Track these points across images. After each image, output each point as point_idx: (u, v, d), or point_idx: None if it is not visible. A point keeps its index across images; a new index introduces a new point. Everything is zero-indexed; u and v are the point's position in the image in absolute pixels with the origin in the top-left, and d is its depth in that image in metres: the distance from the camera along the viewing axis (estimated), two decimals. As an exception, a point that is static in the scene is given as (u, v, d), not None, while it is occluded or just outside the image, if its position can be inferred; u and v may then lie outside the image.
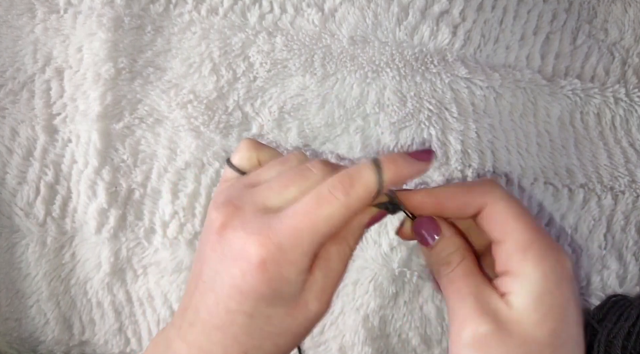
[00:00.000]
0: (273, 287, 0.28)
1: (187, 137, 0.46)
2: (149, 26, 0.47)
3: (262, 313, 0.29)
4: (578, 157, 0.47)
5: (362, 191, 0.29)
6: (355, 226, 0.32)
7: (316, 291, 0.30)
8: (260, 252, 0.28)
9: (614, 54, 0.48)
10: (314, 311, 0.30)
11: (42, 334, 0.47)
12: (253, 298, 0.29)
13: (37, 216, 0.46)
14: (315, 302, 0.30)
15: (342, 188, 0.28)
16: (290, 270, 0.28)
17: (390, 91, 0.46)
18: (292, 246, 0.28)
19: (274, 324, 0.30)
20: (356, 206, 0.29)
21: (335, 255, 0.31)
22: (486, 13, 0.47)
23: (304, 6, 0.47)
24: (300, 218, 0.28)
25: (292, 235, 0.28)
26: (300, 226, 0.28)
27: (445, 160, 0.45)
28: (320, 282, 0.30)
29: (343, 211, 0.28)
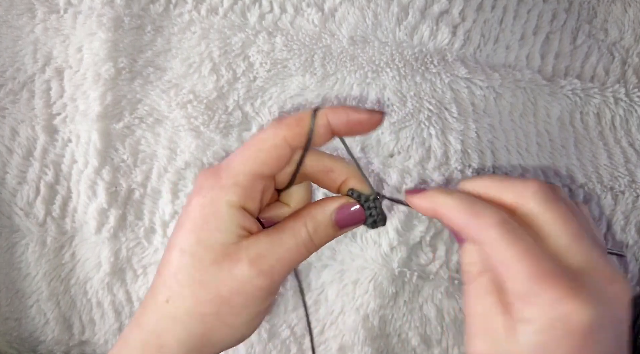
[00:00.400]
0: (204, 214, 0.30)
1: (187, 137, 0.46)
2: (149, 26, 0.47)
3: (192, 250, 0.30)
4: (578, 157, 0.47)
5: (293, 120, 0.31)
6: (317, 210, 0.32)
7: (253, 252, 0.30)
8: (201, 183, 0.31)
9: (614, 54, 0.48)
10: (243, 273, 0.30)
11: (42, 334, 0.47)
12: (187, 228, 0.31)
13: (37, 216, 0.46)
14: (247, 263, 0.30)
15: (276, 120, 0.32)
16: (219, 194, 0.30)
17: (390, 91, 0.46)
18: (225, 173, 0.31)
19: (198, 268, 0.30)
20: (287, 132, 0.31)
21: (288, 231, 0.31)
22: (486, 13, 0.47)
23: (304, 6, 0.47)
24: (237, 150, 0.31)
25: (227, 163, 0.31)
26: (234, 155, 0.31)
27: (445, 160, 0.45)
28: (261, 246, 0.30)
29: (273, 136, 0.31)
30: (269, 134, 0.31)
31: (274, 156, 0.31)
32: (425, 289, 0.45)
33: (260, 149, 0.31)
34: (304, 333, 0.46)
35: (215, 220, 0.30)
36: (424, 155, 0.45)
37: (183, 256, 0.30)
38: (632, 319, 0.41)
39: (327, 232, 0.33)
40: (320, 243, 0.33)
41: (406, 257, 0.45)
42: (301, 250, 0.32)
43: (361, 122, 0.31)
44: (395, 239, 0.45)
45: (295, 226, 0.32)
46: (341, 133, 0.32)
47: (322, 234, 0.32)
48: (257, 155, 0.31)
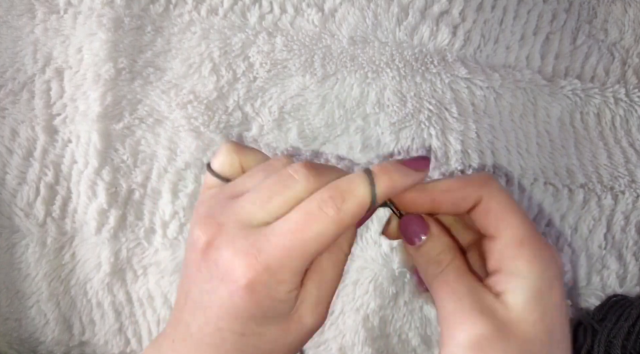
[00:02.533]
0: (262, 308, 0.27)
1: (187, 138, 0.46)
2: (149, 26, 0.47)
3: (253, 331, 0.28)
4: (578, 157, 0.47)
5: (354, 207, 0.27)
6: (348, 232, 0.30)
7: (310, 304, 0.29)
8: (247, 274, 0.26)
9: (614, 54, 0.48)
10: (309, 325, 0.29)
11: (42, 334, 0.47)
12: (242, 318, 0.28)
13: (37, 216, 0.46)
14: (310, 315, 0.29)
15: (333, 204, 0.27)
16: (279, 290, 0.27)
17: (390, 91, 0.46)
18: (281, 267, 0.27)
19: (267, 341, 0.29)
20: (348, 221, 0.27)
21: (329, 265, 0.30)
22: (486, 13, 0.47)
23: (304, 6, 0.47)
24: (288, 237, 0.26)
25: (281, 255, 0.26)
26: (288, 245, 0.26)
27: (445, 160, 0.45)
28: (314, 295, 0.29)
29: (334, 228, 0.27)
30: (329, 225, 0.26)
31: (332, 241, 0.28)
32: (426, 290, 0.45)
33: (321, 243, 0.27)
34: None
35: (278, 306, 0.28)
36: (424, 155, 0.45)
37: (247, 338, 0.28)
38: (632, 320, 0.41)
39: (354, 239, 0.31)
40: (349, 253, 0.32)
41: (406, 258, 0.45)
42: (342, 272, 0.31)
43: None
44: (396, 239, 0.45)
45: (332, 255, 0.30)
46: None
47: (352, 244, 0.31)
48: (317, 249, 0.27)
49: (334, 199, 0.27)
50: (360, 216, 0.27)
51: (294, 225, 0.26)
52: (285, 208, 0.27)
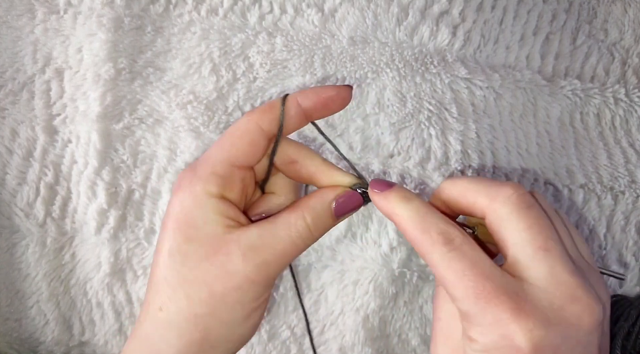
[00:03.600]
0: (187, 209, 0.29)
1: (187, 138, 0.46)
2: (149, 27, 0.47)
3: (180, 248, 0.29)
4: (578, 158, 0.47)
5: (264, 106, 0.31)
6: (316, 201, 0.31)
7: (245, 245, 0.29)
8: (180, 181, 0.30)
9: (614, 54, 0.48)
10: (236, 267, 0.29)
11: (42, 334, 0.47)
12: (172, 228, 0.30)
13: (37, 216, 0.46)
14: (240, 257, 0.29)
15: (251, 110, 0.31)
16: (198, 186, 0.30)
17: (390, 91, 0.46)
18: (201, 165, 0.30)
19: (189, 267, 0.29)
20: (258, 117, 0.30)
21: (282, 222, 0.30)
22: (486, 13, 0.47)
23: (304, 6, 0.47)
24: (212, 144, 0.31)
25: (203, 156, 0.31)
26: (210, 148, 0.31)
27: (445, 160, 0.45)
28: (253, 239, 0.29)
29: (245, 122, 0.30)
30: (241, 122, 0.31)
31: (247, 142, 0.30)
32: (425, 290, 0.45)
33: (234, 137, 0.30)
34: (304, 333, 0.46)
35: (198, 213, 0.29)
36: (424, 155, 0.45)
37: (171, 256, 0.29)
38: (632, 320, 0.41)
39: (326, 224, 0.32)
40: (318, 235, 0.31)
41: (406, 258, 0.45)
42: (297, 243, 0.30)
43: (331, 99, 0.31)
44: (395, 239, 0.45)
45: (290, 218, 0.30)
46: (314, 116, 0.32)
47: (320, 226, 0.31)
48: (231, 143, 0.30)
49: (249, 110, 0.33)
50: (271, 116, 0.31)
51: (226, 131, 0.31)
52: None
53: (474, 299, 0.25)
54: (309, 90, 0.31)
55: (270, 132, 0.31)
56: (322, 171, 0.32)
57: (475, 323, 0.25)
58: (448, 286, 0.26)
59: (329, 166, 0.32)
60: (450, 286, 0.26)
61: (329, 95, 0.31)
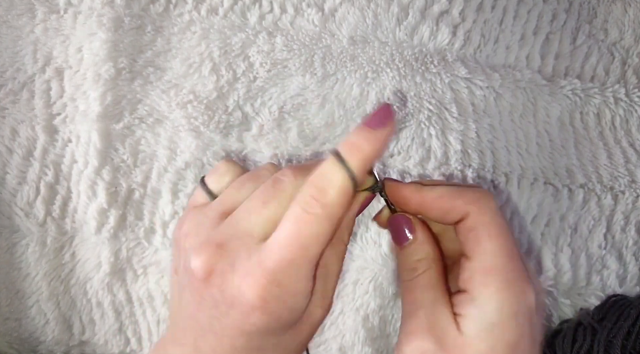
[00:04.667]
0: (280, 321, 0.27)
1: (187, 137, 0.46)
2: (149, 26, 0.47)
3: (271, 342, 0.28)
4: (578, 157, 0.46)
5: (337, 197, 0.26)
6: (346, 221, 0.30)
7: (318, 299, 0.29)
8: (258, 293, 0.26)
9: (614, 54, 0.48)
10: (319, 317, 0.29)
11: (42, 334, 0.47)
12: (260, 334, 0.27)
13: (37, 216, 0.46)
14: (319, 309, 0.29)
15: (315, 201, 0.26)
16: (294, 299, 0.27)
17: (390, 91, 0.46)
18: (289, 277, 0.26)
19: (283, 347, 0.29)
20: (337, 212, 0.27)
21: (332, 257, 0.29)
22: (486, 13, 0.47)
23: (304, 6, 0.47)
24: (286, 247, 0.26)
25: (285, 266, 0.26)
26: (288, 255, 0.26)
27: (445, 160, 0.45)
28: (320, 289, 0.29)
29: (327, 224, 0.26)
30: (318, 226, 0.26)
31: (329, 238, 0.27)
32: (426, 290, 0.45)
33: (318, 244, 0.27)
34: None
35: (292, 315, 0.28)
36: (424, 155, 0.45)
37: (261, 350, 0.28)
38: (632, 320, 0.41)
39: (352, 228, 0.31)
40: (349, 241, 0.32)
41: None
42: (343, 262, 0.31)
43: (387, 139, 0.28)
44: (396, 239, 0.45)
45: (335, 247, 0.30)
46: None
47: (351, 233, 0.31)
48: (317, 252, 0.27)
49: (315, 197, 0.26)
50: (347, 202, 0.27)
51: (289, 234, 0.26)
52: (280, 211, 0.27)
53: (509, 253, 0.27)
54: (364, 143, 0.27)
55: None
56: None
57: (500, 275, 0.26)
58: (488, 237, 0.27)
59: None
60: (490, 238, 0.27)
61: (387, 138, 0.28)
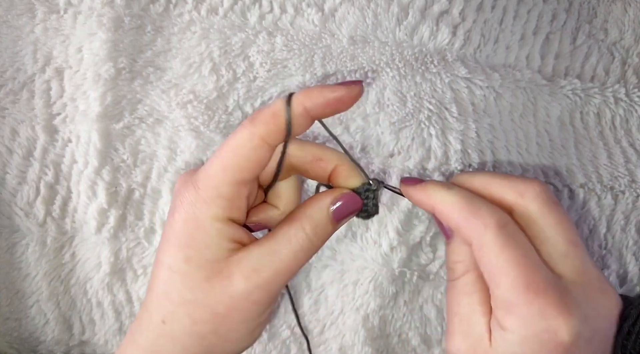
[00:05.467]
0: (188, 230, 0.28)
1: (187, 137, 0.46)
2: (149, 26, 0.47)
3: (179, 267, 0.28)
4: (578, 157, 0.46)
5: (267, 115, 0.28)
6: (313, 208, 0.30)
7: (246, 267, 0.28)
8: (181, 197, 0.29)
9: (614, 54, 0.48)
10: (238, 290, 0.28)
11: (42, 334, 0.47)
12: (173, 245, 0.29)
13: (37, 216, 0.46)
14: (241, 279, 0.28)
15: (249, 118, 0.28)
16: (202, 210, 0.28)
17: (390, 91, 0.46)
18: (204, 186, 0.28)
19: (190, 287, 0.28)
20: (263, 131, 0.27)
21: (282, 237, 0.29)
22: (486, 13, 0.47)
23: (304, 6, 0.47)
24: (211, 158, 0.29)
25: (205, 174, 0.28)
26: (210, 164, 0.28)
27: (445, 160, 0.45)
28: (254, 259, 0.28)
29: (249, 137, 0.27)
30: (244, 137, 0.28)
31: (253, 159, 0.28)
32: (425, 289, 0.45)
33: (238, 154, 0.28)
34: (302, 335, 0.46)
35: (201, 237, 0.28)
36: (424, 155, 0.45)
37: (172, 274, 0.29)
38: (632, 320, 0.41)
39: (326, 231, 0.30)
40: (320, 244, 0.31)
41: (406, 258, 0.45)
42: (299, 256, 0.29)
43: (340, 99, 0.28)
44: (395, 239, 0.45)
45: (290, 231, 0.29)
46: (322, 116, 0.29)
47: (321, 234, 0.30)
48: (235, 161, 0.28)
49: (250, 118, 0.28)
50: (275, 127, 0.28)
51: (227, 145, 0.28)
52: None
53: (524, 290, 0.25)
54: (315, 90, 0.28)
55: (275, 143, 0.29)
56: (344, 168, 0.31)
57: (516, 313, 0.25)
58: (497, 272, 0.26)
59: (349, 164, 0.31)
60: (499, 272, 0.26)
61: (338, 96, 0.28)
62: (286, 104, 0.28)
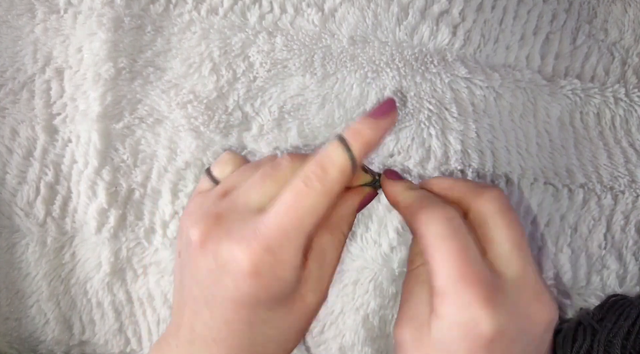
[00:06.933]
0: (269, 290, 0.28)
1: (187, 137, 0.46)
2: (149, 26, 0.47)
3: (260, 317, 0.29)
4: (578, 157, 0.47)
5: (336, 173, 0.28)
6: (346, 211, 0.32)
7: (312, 283, 0.30)
8: (250, 258, 0.27)
9: (614, 54, 0.48)
10: (313, 303, 0.30)
11: (42, 334, 0.47)
12: (250, 305, 0.28)
13: (37, 216, 0.46)
14: (313, 294, 0.30)
15: (316, 176, 0.28)
16: (284, 269, 0.28)
17: (390, 91, 0.46)
18: (281, 246, 0.27)
19: (274, 326, 0.29)
20: (335, 189, 0.28)
21: (329, 244, 0.31)
22: (486, 13, 0.47)
23: (304, 6, 0.47)
24: (283, 217, 0.27)
25: (279, 235, 0.27)
26: (285, 224, 0.27)
27: (445, 160, 0.45)
28: (315, 273, 0.30)
29: (323, 199, 0.28)
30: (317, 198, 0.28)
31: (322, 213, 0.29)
32: (425, 289, 0.45)
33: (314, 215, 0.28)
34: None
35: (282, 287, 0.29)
36: (424, 155, 0.45)
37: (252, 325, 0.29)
38: (631, 320, 0.41)
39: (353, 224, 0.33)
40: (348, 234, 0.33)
41: (406, 258, 0.45)
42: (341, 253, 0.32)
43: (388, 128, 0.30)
44: (395, 239, 0.45)
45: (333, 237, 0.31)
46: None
47: (350, 227, 0.33)
48: (312, 222, 0.28)
49: (315, 172, 0.28)
50: (345, 182, 0.29)
51: (286, 204, 0.28)
52: (276, 188, 0.29)
53: (455, 280, 0.26)
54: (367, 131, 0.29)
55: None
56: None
57: (448, 301, 0.27)
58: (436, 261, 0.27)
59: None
60: (436, 262, 0.27)
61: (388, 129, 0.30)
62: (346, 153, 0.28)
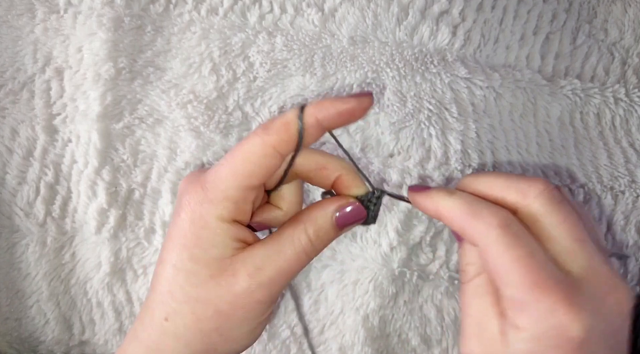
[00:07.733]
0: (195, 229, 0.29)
1: (187, 137, 0.46)
2: (149, 26, 0.47)
3: (185, 265, 0.29)
4: (578, 157, 0.47)
5: (280, 125, 0.29)
6: (317, 214, 0.31)
7: (250, 265, 0.29)
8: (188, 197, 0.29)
9: (614, 54, 0.48)
10: (242, 288, 0.29)
11: (42, 334, 0.47)
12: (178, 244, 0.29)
13: (37, 216, 0.46)
14: (245, 277, 0.29)
15: (262, 127, 0.29)
16: (209, 210, 0.29)
17: (390, 91, 0.46)
18: (213, 187, 0.29)
19: (194, 285, 0.29)
20: (272, 140, 0.29)
21: (287, 239, 0.30)
22: (486, 13, 0.47)
23: (304, 6, 0.47)
24: (222, 161, 0.29)
25: (214, 176, 0.29)
26: (220, 167, 0.29)
27: (445, 160, 0.45)
28: (258, 258, 0.29)
29: (260, 145, 0.29)
30: (256, 144, 0.29)
31: (263, 167, 0.29)
32: (425, 289, 0.45)
33: (249, 161, 0.29)
34: (303, 333, 0.46)
35: (207, 235, 0.29)
36: (424, 155, 0.45)
37: (177, 272, 0.29)
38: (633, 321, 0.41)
39: (329, 235, 0.32)
40: (321, 248, 0.31)
41: (406, 258, 0.45)
42: (301, 257, 0.30)
43: (352, 111, 0.30)
44: (395, 239, 0.45)
45: (294, 233, 0.30)
46: (332, 127, 0.31)
47: (323, 238, 0.31)
48: (245, 167, 0.29)
49: (263, 126, 0.29)
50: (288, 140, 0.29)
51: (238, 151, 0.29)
52: None
53: (530, 288, 0.25)
54: (327, 102, 0.29)
55: (285, 153, 0.30)
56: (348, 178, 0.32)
57: (526, 311, 0.26)
58: (502, 271, 0.26)
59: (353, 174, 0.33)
60: (504, 272, 0.26)
61: (349, 108, 0.29)
62: (299, 115, 0.29)
